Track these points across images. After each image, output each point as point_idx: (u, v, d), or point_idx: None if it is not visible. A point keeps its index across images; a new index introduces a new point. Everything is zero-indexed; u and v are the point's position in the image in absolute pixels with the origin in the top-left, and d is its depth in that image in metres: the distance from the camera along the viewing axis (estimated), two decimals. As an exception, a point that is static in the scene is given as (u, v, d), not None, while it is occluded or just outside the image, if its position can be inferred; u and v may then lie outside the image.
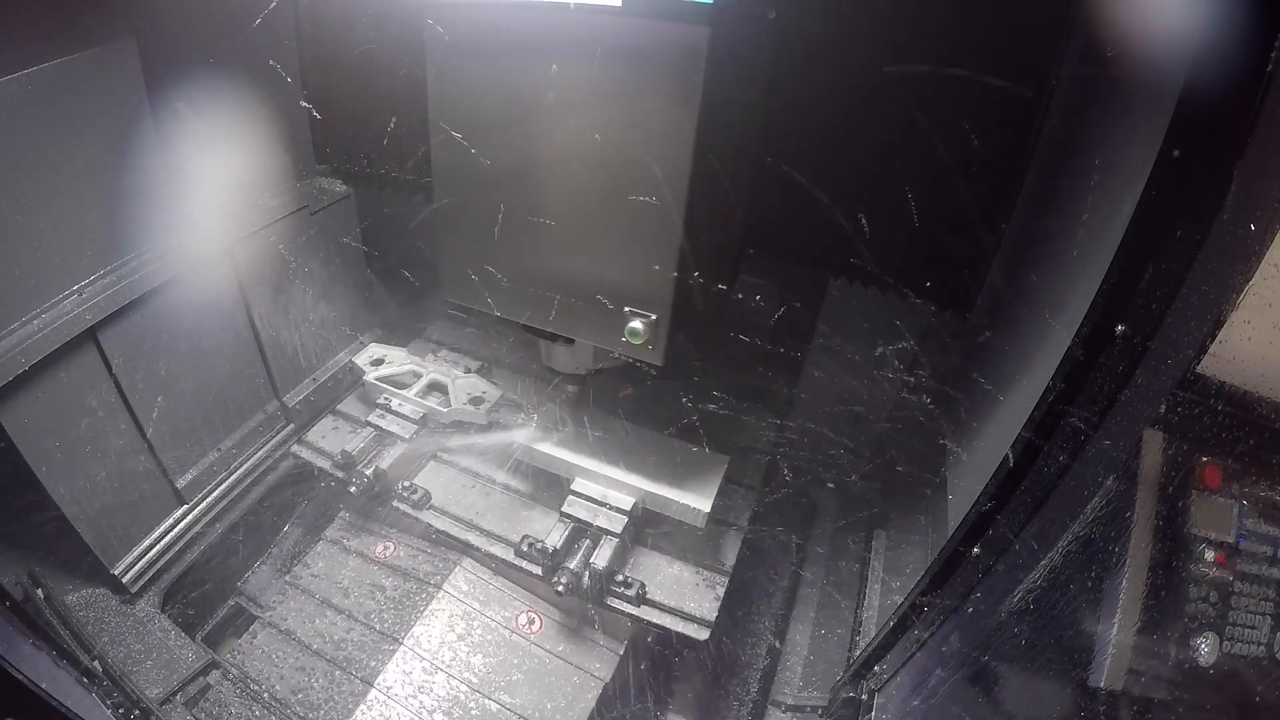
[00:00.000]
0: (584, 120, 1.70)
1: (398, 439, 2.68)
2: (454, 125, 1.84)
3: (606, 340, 1.96)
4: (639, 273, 1.82)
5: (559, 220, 1.85)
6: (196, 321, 2.53)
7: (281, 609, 2.47)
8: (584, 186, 1.78)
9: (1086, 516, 1.20)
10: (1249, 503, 1.16)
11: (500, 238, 1.95)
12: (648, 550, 2.48)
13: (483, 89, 1.76)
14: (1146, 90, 1.32)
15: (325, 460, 2.74)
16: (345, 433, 2.85)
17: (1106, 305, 1.16)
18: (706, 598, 2.34)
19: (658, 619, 2.28)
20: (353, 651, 2.33)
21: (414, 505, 2.59)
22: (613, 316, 1.89)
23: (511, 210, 1.89)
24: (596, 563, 2.24)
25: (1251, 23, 0.91)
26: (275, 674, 2.28)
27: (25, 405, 2.03)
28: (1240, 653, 1.15)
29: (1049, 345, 1.57)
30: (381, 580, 2.54)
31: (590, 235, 1.83)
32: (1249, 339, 1.05)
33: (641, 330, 1.84)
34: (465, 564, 2.56)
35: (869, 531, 2.88)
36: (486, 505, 2.64)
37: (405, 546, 2.65)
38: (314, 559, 2.63)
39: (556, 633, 2.42)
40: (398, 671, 2.26)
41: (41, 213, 1.99)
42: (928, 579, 1.64)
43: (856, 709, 1.88)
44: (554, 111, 1.71)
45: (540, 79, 1.68)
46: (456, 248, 2.04)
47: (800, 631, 2.83)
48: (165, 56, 2.25)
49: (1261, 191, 0.97)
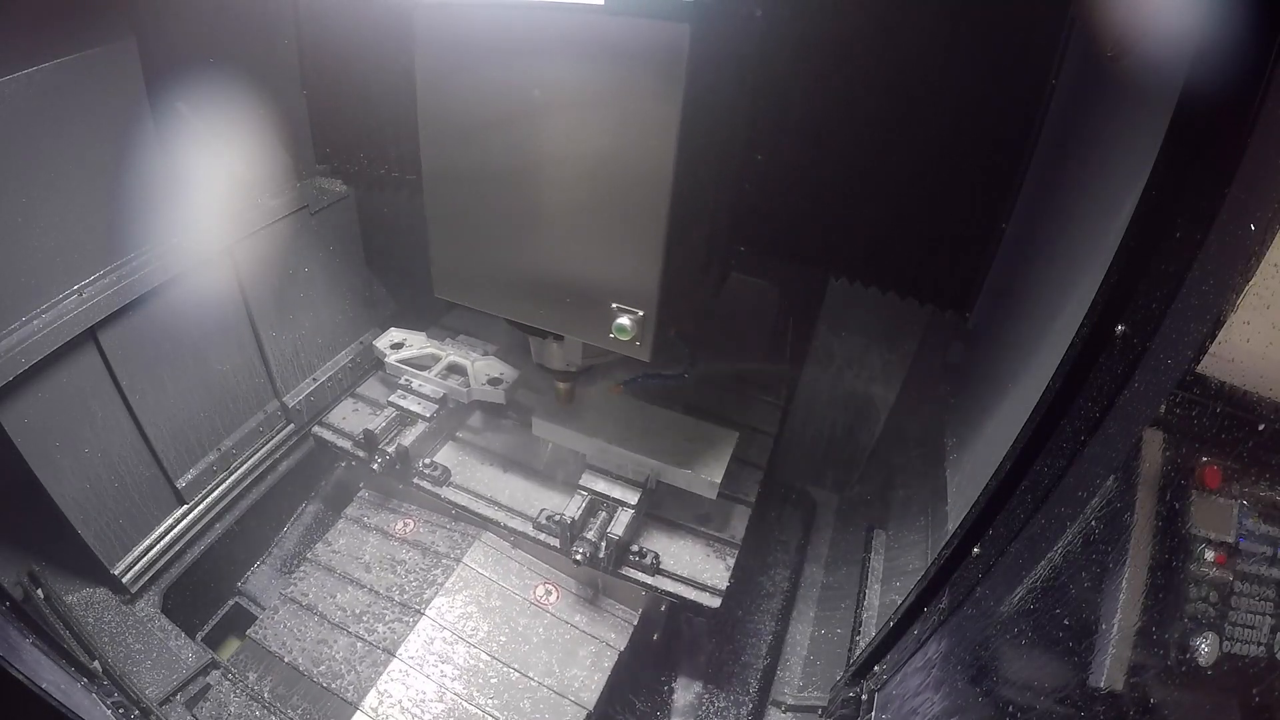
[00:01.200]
0: (570, 119, 1.71)
1: (419, 418, 2.74)
2: (443, 124, 1.85)
3: (594, 337, 1.97)
4: (626, 269, 1.83)
5: (547, 218, 1.87)
6: (196, 321, 2.53)
7: (303, 584, 2.50)
8: (571, 184, 1.79)
9: (1086, 516, 1.20)
10: (1249, 503, 1.16)
11: (489, 235, 1.96)
12: (661, 523, 2.56)
13: (470, 88, 1.77)
14: (1146, 90, 1.32)
15: (346, 441, 2.80)
16: (366, 414, 2.91)
17: (1106, 305, 1.16)
18: (717, 567, 2.42)
19: (671, 587, 2.35)
20: (374, 624, 2.37)
21: (434, 482, 2.66)
22: (601, 313, 1.89)
23: (500, 208, 1.90)
24: (613, 532, 2.31)
25: (1251, 23, 0.91)
26: (298, 647, 2.31)
27: (25, 405, 2.03)
28: (1240, 653, 1.15)
29: (1049, 345, 1.58)
30: (402, 555, 2.59)
31: (577, 232, 1.85)
32: (1249, 339, 1.05)
33: (629, 327, 1.85)
34: (484, 538, 2.62)
35: (869, 531, 2.88)
36: (504, 481, 2.72)
37: (425, 523, 2.71)
38: (335, 536, 2.67)
39: (573, 603, 2.49)
40: (419, 642, 2.31)
41: (41, 213, 1.99)
42: (928, 579, 1.64)
43: (856, 709, 1.89)
44: (540, 110, 1.72)
45: (526, 78, 1.69)
46: (447, 245, 2.05)
47: (800, 631, 2.84)
48: (165, 56, 2.25)
49: (1261, 191, 0.97)
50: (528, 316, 2.08)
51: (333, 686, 2.20)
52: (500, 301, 2.08)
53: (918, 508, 2.69)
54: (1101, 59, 1.57)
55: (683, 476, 2.40)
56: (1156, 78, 1.22)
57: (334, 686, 2.20)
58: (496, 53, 1.70)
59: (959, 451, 2.25)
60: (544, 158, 1.78)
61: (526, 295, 2.01)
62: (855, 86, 2.11)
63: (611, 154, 1.70)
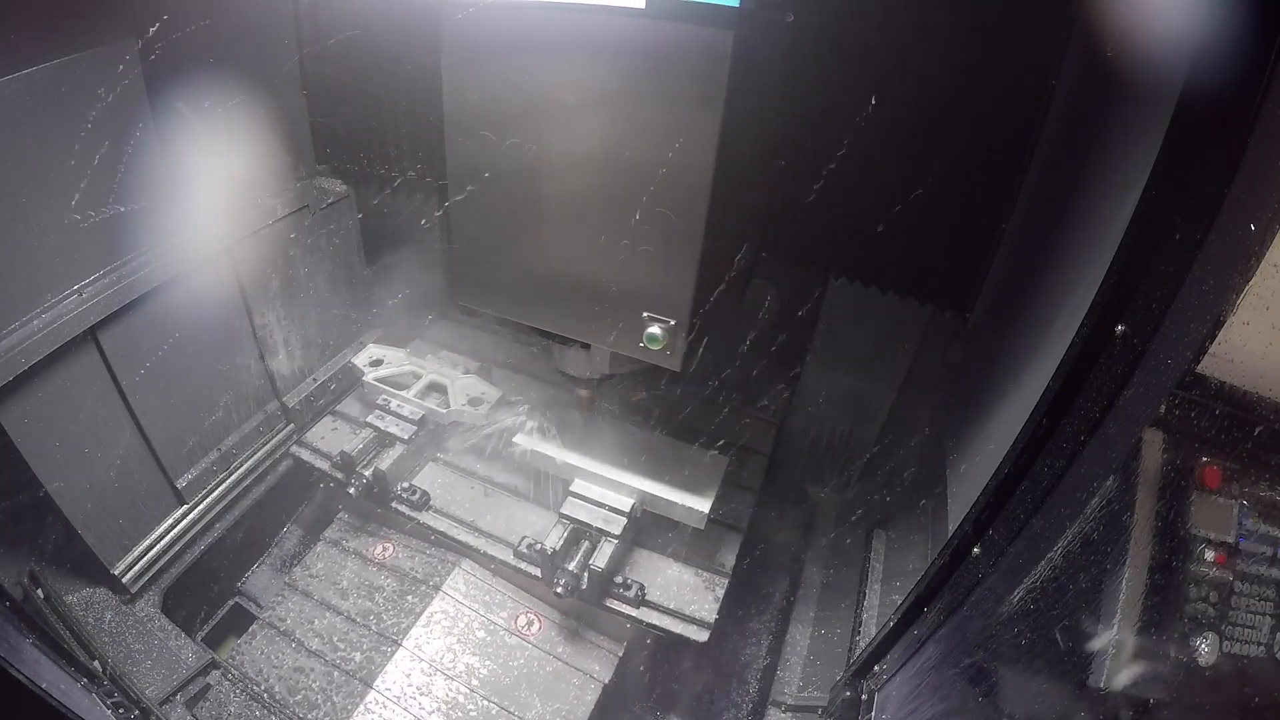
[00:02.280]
0: (605, 123, 1.68)
1: (397, 440, 2.67)
2: (470, 127, 1.82)
3: (624, 345, 1.94)
4: (659, 277, 1.80)
5: (578, 224, 1.83)
6: (196, 321, 2.52)
7: (280, 609, 2.47)
8: (604, 189, 1.76)
9: (1086, 517, 1.20)
10: (1249, 503, 1.16)
11: (516, 241, 1.93)
12: (647, 552, 2.48)
13: (502, 90, 1.74)
14: (1146, 90, 1.32)
15: (324, 461, 2.74)
16: (345, 434, 2.84)
17: (1106, 305, 1.16)
18: (706, 599, 2.34)
19: (657, 620, 2.28)
20: (351, 653, 2.32)
21: (413, 506, 2.59)
22: (631, 322, 1.87)
23: (529, 213, 1.87)
24: (596, 564, 2.23)
25: (1251, 23, 0.91)
26: (274, 674, 2.28)
27: (25, 405, 2.03)
28: (1240, 653, 1.15)
29: (1049, 345, 1.57)
30: (381, 581, 2.54)
31: (610, 239, 1.81)
32: (1249, 339, 1.05)
33: (660, 335, 1.83)
34: (464, 565, 2.56)
35: (869, 531, 2.88)
36: (485, 506, 2.64)
37: (404, 548, 2.65)
38: (313, 560, 2.63)
39: (555, 634, 2.42)
40: (397, 673, 2.26)
41: (42, 212, 1.99)
42: (928, 579, 1.64)
43: (856, 709, 1.88)
44: (574, 114, 1.69)
45: (561, 81, 1.66)
46: (469, 251, 2.01)
47: (800, 631, 2.83)
48: (165, 56, 2.25)
49: (1261, 191, 0.97)
50: (554, 324, 2.05)
51: (308, 718, 2.16)
52: (525, 308, 2.05)
53: (918, 508, 2.69)
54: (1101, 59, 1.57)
55: (670, 506, 2.32)
56: (1156, 78, 1.22)
57: (310, 718, 2.16)
58: (528, 54, 1.67)
59: (959, 451, 2.24)
60: (576, 163, 1.75)
61: (554, 302, 1.98)
62: (856, 87, 2.11)
63: (648, 159, 1.67)
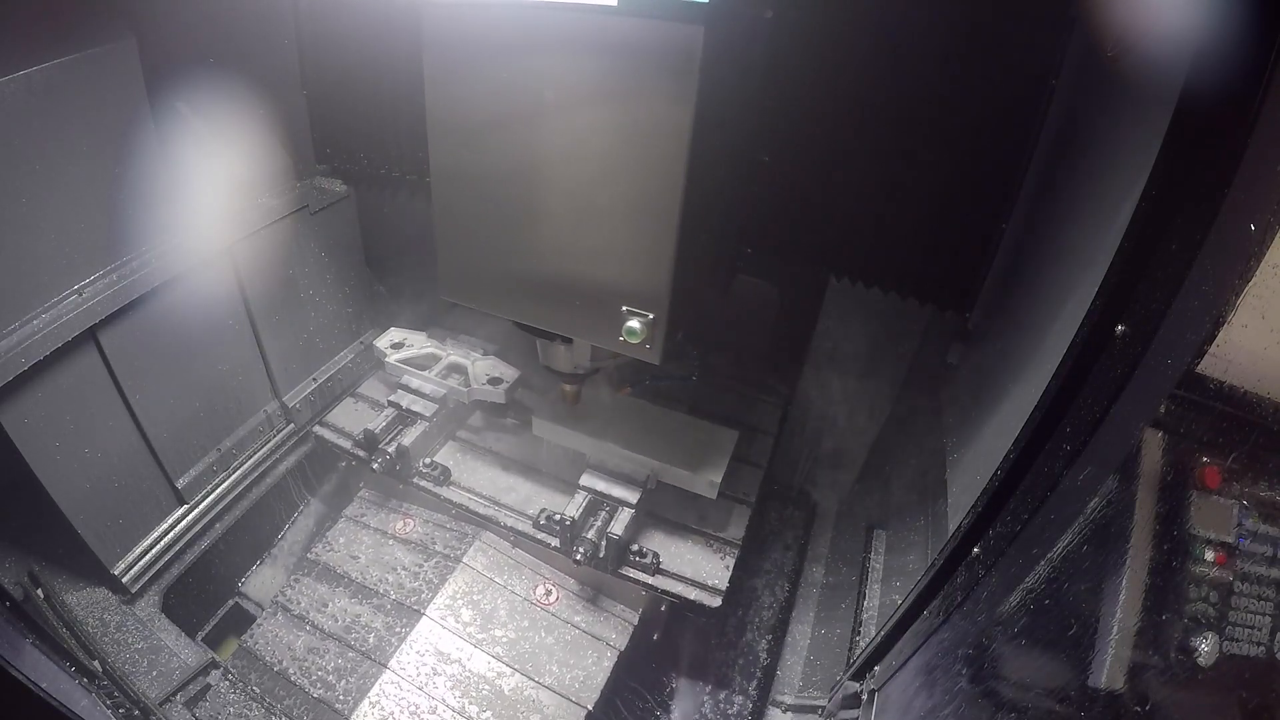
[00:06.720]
0: (580, 119, 1.70)
1: (419, 418, 2.74)
2: (451, 123, 1.84)
3: (604, 339, 1.96)
4: (636, 272, 1.83)
5: (556, 219, 1.86)
6: (196, 321, 2.53)
7: (298, 588, 2.50)
8: (581, 185, 1.79)
9: (1086, 517, 1.20)
10: (1249, 503, 1.16)
11: (497, 237, 1.95)
12: (660, 524, 2.56)
13: (479, 87, 1.77)
14: (1146, 90, 1.32)
15: (346, 440, 2.81)
16: (366, 414, 2.91)
17: (1106, 305, 1.16)
18: (717, 567, 2.42)
19: (672, 587, 2.36)
20: (373, 623, 2.37)
21: (435, 481, 2.67)
22: (610, 316, 1.89)
23: (509, 209, 1.89)
24: (614, 531, 2.31)
25: (1251, 23, 0.91)
26: (288, 654, 2.31)
27: (25, 405, 2.03)
28: (1240, 653, 1.15)
29: (1049, 345, 1.57)
30: (401, 555, 2.59)
31: (587, 234, 1.84)
32: (1248, 339, 1.05)
33: (639, 329, 1.85)
34: (484, 537, 2.63)
35: (869, 531, 2.88)
36: (504, 481, 2.72)
37: (424, 522, 2.71)
38: (334, 535, 2.67)
39: (573, 603, 2.50)
40: (419, 641, 2.32)
41: (41, 213, 1.99)
42: (928, 579, 1.64)
43: (856, 709, 1.89)
44: (551, 111, 1.71)
45: (537, 78, 1.69)
46: (453, 247, 2.05)
47: (800, 631, 2.84)
48: (165, 56, 2.25)
49: (1261, 191, 0.96)
50: (536, 319, 2.08)
51: (325, 697, 2.18)
52: (508, 303, 2.07)
53: (918, 508, 2.69)
54: (1101, 59, 1.57)
55: (683, 476, 2.40)
56: (1156, 78, 1.22)
57: (326, 697, 2.18)
58: (506, 52, 1.69)
59: (959, 451, 2.24)
60: (554, 158, 1.78)
61: (535, 297, 2.01)
62: (856, 87, 2.11)
63: (622, 155, 1.70)
